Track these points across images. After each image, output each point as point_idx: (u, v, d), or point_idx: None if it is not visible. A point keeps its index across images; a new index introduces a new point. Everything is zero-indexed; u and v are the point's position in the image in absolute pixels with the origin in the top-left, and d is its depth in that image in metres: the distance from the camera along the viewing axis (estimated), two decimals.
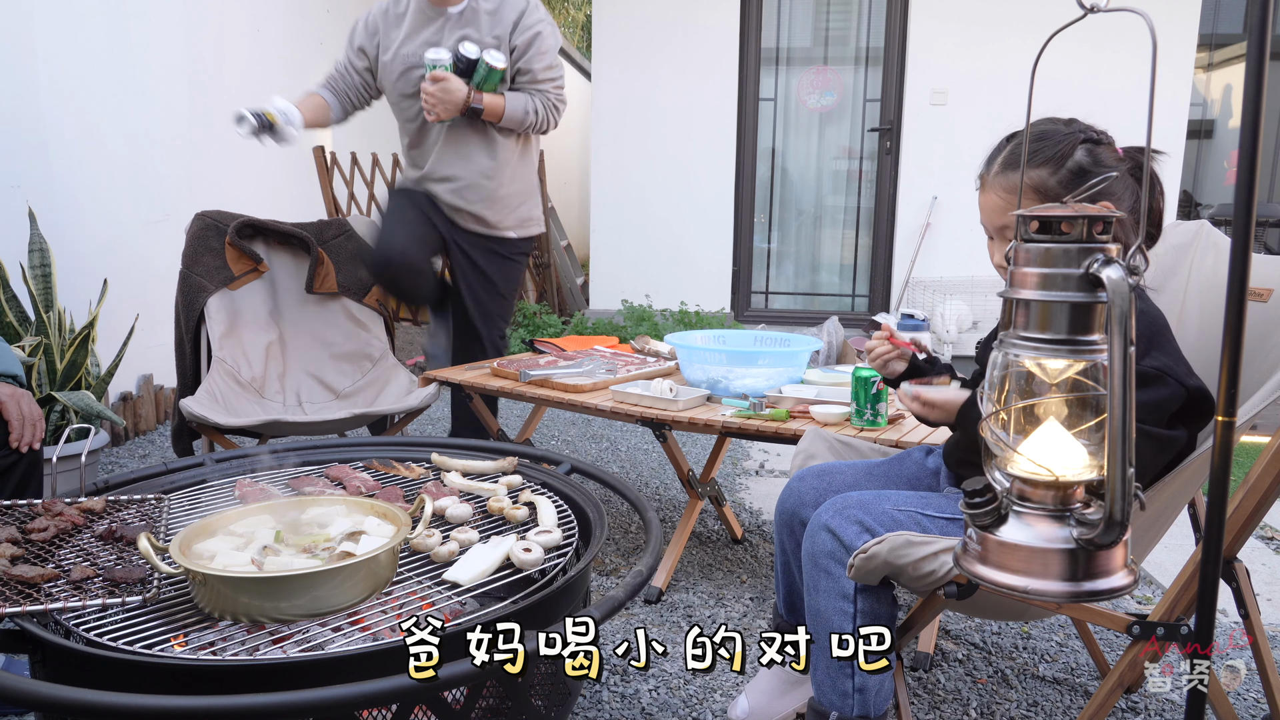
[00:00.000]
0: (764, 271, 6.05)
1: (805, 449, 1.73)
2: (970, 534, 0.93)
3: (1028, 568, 0.88)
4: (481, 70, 2.56)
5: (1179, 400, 1.25)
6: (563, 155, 9.64)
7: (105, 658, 1.09)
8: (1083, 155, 1.28)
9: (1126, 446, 0.83)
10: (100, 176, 3.40)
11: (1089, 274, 0.85)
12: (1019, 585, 0.88)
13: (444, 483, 1.74)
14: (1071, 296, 0.87)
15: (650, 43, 5.70)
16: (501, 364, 2.52)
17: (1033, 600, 0.96)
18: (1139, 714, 1.75)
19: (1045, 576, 0.87)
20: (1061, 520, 0.89)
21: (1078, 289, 0.86)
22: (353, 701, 0.95)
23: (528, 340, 3.23)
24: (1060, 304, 0.87)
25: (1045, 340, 0.88)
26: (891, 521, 1.32)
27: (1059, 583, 0.87)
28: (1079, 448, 0.90)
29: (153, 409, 3.75)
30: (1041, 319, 0.88)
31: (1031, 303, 0.89)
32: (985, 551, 0.91)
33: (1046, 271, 0.88)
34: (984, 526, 0.90)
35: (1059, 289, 0.87)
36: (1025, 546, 0.88)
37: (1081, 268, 0.86)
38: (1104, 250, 0.86)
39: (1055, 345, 0.87)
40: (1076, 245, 0.87)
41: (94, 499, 1.54)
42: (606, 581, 2.32)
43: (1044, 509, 0.89)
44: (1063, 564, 0.87)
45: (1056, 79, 5.20)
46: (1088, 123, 1.33)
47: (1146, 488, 1.29)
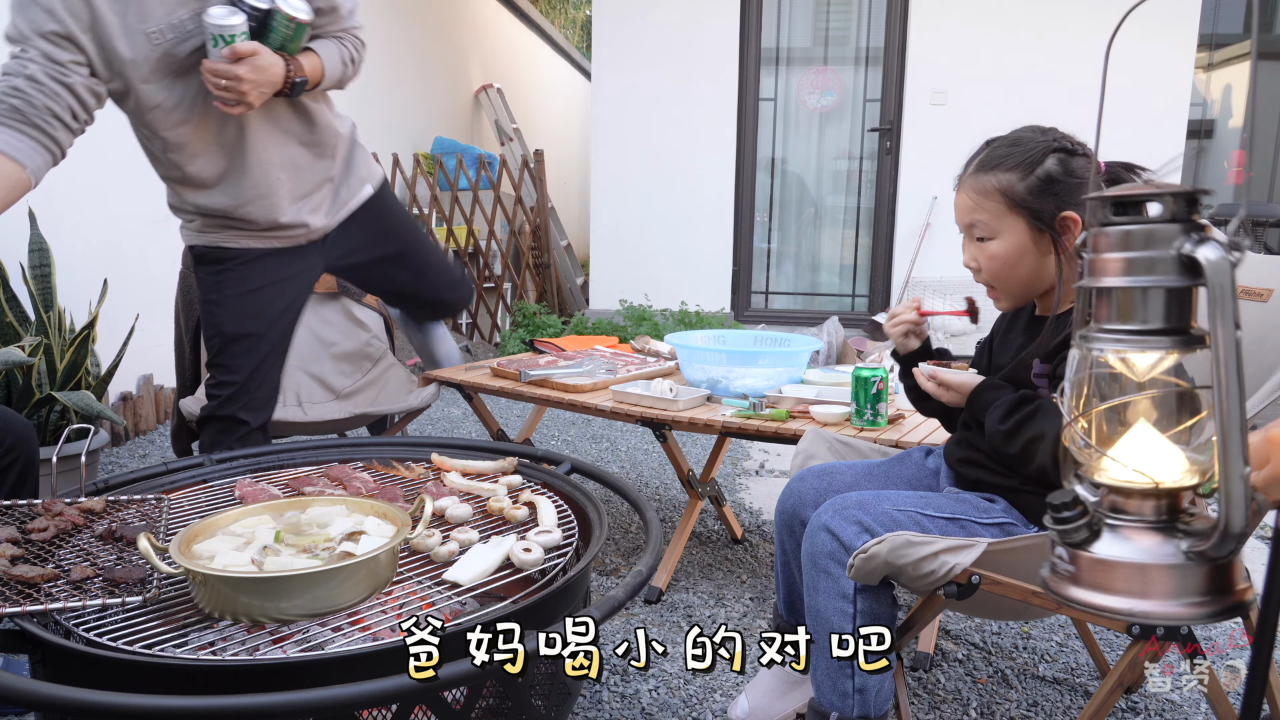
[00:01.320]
0: (764, 271, 6.05)
1: (805, 449, 1.73)
2: (1059, 554, 0.84)
3: (1132, 587, 0.78)
4: (281, 28, 1.79)
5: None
6: (563, 155, 9.64)
7: (105, 658, 1.09)
8: (1053, 164, 1.32)
9: (1243, 445, 0.74)
10: (100, 176, 3.39)
11: (1181, 255, 0.77)
12: (1125, 609, 0.78)
13: (444, 483, 1.74)
14: (1162, 281, 0.78)
15: (650, 43, 5.70)
16: (501, 364, 2.52)
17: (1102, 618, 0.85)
18: (1139, 714, 1.75)
19: (1153, 596, 0.78)
20: (1167, 533, 0.79)
21: (1169, 273, 0.78)
22: (353, 701, 0.95)
23: (528, 340, 3.22)
24: (1150, 290, 0.78)
25: (1134, 332, 0.79)
26: (891, 521, 1.33)
27: (1170, 603, 0.78)
28: (1175, 451, 0.81)
29: (153, 409, 3.75)
30: (1128, 308, 0.79)
31: (1114, 291, 0.79)
32: (1079, 572, 0.80)
33: (1131, 256, 0.79)
34: (1076, 544, 0.81)
35: (1147, 274, 0.78)
36: (1128, 564, 0.78)
37: (1173, 249, 0.78)
38: (1196, 229, 0.78)
39: (1146, 337, 0.78)
40: (1165, 224, 0.78)
41: (94, 499, 1.54)
42: (606, 581, 2.32)
43: (1144, 521, 0.80)
44: (1172, 581, 0.78)
45: (1057, 79, 5.21)
46: (1068, 134, 1.35)
47: None
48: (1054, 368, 1.33)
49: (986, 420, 1.37)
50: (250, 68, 1.73)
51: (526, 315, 5.57)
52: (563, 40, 11.04)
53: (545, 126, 9.71)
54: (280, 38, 1.80)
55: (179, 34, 1.77)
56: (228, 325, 2.03)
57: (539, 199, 5.88)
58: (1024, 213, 1.33)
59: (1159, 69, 5.17)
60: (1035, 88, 5.24)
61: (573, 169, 10.19)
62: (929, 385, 1.48)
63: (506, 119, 7.59)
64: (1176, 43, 5.17)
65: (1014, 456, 1.34)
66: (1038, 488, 1.36)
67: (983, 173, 1.36)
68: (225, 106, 1.78)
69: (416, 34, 6.66)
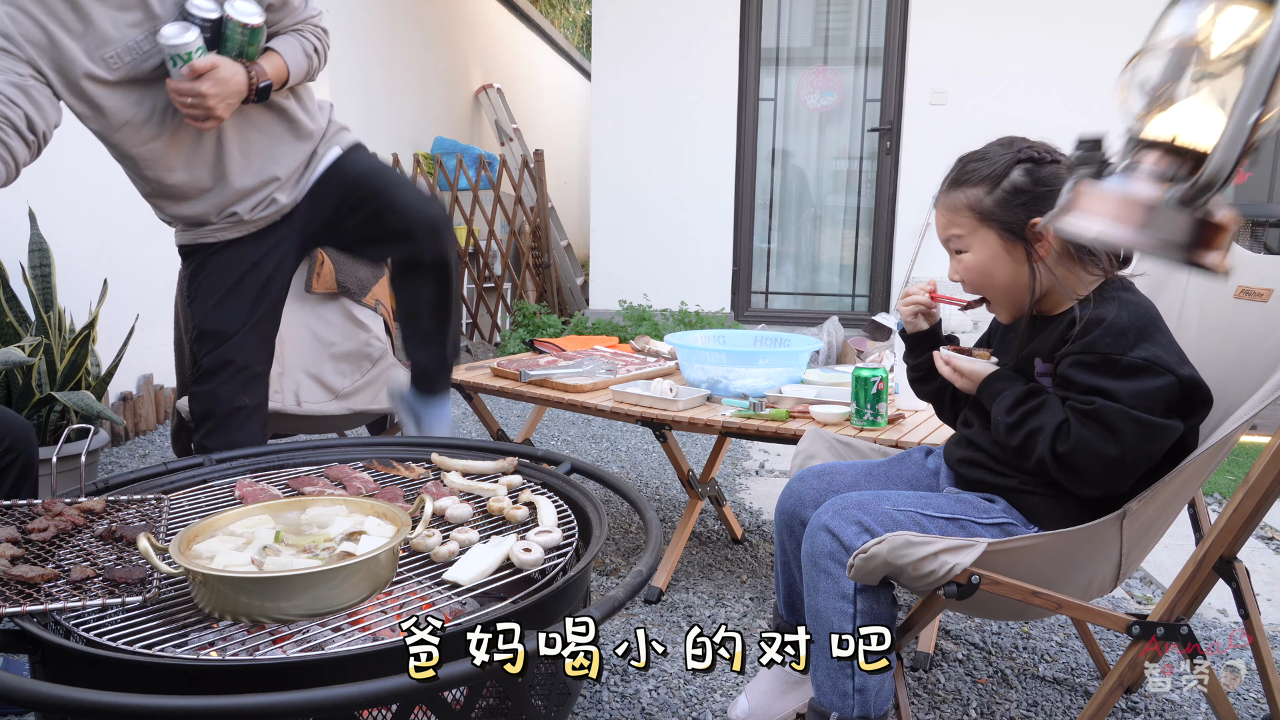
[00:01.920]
0: (764, 271, 6.05)
1: (805, 449, 1.73)
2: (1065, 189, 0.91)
3: (1110, 213, 0.85)
4: (235, 35, 1.77)
5: (1173, 390, 1.26)
6: (563, 155, 9.64)
7: (105, 658, 1.09)
8: (1019, 175, 1.35)
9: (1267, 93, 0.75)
10: (100, 176, 3.39)
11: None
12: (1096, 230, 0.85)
13: (444, 483, 1.74)
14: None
15: (650, 42, 5.70)
16: (501, 364, 2.52)
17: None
18: (1139, 714, 1.75)
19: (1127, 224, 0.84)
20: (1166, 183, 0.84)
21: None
22: (353, 701, 0.95)
23: (528, 340, 3.22)
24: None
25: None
26: (891, 521, 1.33)
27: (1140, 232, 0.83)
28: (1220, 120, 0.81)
29: (153, 409, 3.75)
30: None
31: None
32: (1073, 201, 0.88)
33: None
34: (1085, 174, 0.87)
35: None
36: (1114, 195, 0.84)
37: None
38: None
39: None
40: None
41: (94, 499, 1.54)
42: (606, 581, 2.32)
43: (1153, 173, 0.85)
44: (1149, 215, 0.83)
45: (1057, 79, 5.21)
46: (1041, 142, 1.39)
47: (1143, 484, 1.30)
48: (1055, 366, 1.34)
49: (993, 410, 1.38)
50: (212, 82, 1.72)
51: (526, 315, 5.57)
52: (563, 40, 11.04)
53: (545, 126, 9.70)
54: (236, 45, 1.78)
55: (137, 55, 1.76)
56: (204, 321, 2.02)
57: (539, 199, 5.88)
58: (994, 224, 1.36)
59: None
60: (1035, 88, 5.24)
61: (573, 169, 10.19)
62: (945, 369, 1.48)
63: (506, 119, 7.59)
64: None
65: (1015, 449, 1.35)
66: (1038, 485, 1.37)
67: (954, 190, 1.40)
68: (195, 123, 1.78)
69: (417, 34, 6.66)
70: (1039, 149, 1.37)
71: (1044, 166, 1.35)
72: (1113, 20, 5.17)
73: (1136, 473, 1.28)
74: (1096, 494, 1.31)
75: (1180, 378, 1.26)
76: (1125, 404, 1.24)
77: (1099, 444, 1.24)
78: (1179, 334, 1.59)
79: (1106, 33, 5.18)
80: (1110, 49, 5.20)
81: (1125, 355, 1.26)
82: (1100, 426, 1.25)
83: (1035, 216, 1.33)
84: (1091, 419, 1.25)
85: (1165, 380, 1.25)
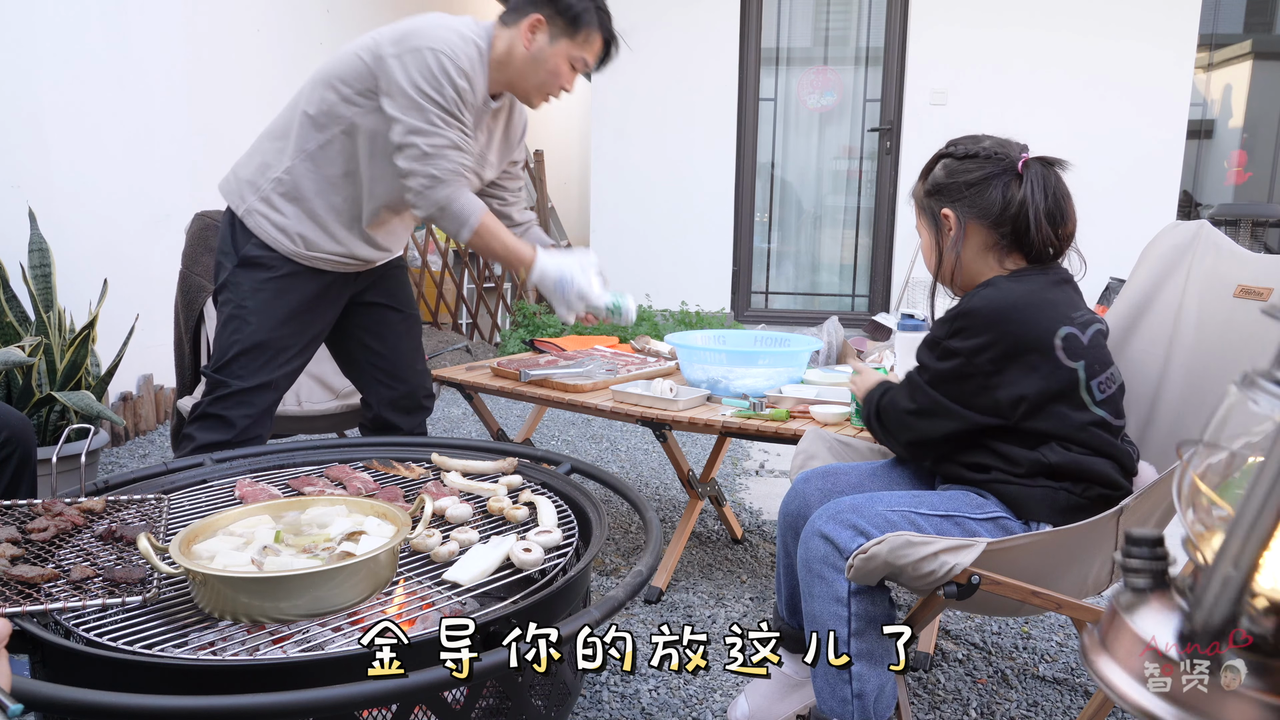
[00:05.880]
0: (764, 271, 6.04)
1: (805, 449, 1.73)
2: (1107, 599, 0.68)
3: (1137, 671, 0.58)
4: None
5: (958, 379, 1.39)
6: (563, 155, 9.64)
7: (105, 658, 1.09)
8: (939, 170, 1.51)
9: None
10: (100, 176, 3.40)
11: None
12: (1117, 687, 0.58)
13: (444, 483, 1.74)
14: None
15: (650, 43, 5.69)
16: (502, 364, 2.52)
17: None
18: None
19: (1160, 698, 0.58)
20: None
21: None
22: (353, 701, 0.95)
23: (528, 340, 3.22)
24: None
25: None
26: (885, 523, 1.33)
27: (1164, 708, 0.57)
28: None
29: (153, 409, 3.75)
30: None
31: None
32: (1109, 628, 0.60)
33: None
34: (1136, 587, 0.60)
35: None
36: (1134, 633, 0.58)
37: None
38: None
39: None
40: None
41: (94, 499, 1.54)
42: (606, 581, 2.32)
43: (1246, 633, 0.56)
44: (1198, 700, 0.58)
45: (1056, 79, 5.21)
46: (972, 136, 1.51)
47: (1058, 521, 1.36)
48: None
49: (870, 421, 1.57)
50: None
51: (526, 315, 5.57)
52: None
53: (545, 126, 9.70)
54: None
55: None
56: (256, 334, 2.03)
57: (539, 199, 5.88)
58: (926, 214, 1.53)
59: (1159, 69, 5.17)
60: (1035, 88, 5.24)
61: (573, 169, 10.19)
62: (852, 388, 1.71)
63: None
64: (1176, 42, 5.17)
65: (901, 446, 1.52)
66: (1012, 475, 1.39)
67: (917, 183, 1.57)
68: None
69: None
70: (961, 145, 1.49)
71: (961, 160, 1.47)
72: (1113, 22, 5.17)
73: (930, 436, 1.45)
74: (900, 449, 1.54)
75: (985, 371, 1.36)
76: (928, 378, 1.43)
77: (902, 399, 1.47)
78: (1177, 334, 1.60)
79: (1107, 34, 5.19)
80: (1111, 50, 5.21)
81: (944, 340, 1.41)
82: (908, 386, 1.47)
83: (946, 208, 1.47)
84: (906, 381, 1.48)
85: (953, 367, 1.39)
